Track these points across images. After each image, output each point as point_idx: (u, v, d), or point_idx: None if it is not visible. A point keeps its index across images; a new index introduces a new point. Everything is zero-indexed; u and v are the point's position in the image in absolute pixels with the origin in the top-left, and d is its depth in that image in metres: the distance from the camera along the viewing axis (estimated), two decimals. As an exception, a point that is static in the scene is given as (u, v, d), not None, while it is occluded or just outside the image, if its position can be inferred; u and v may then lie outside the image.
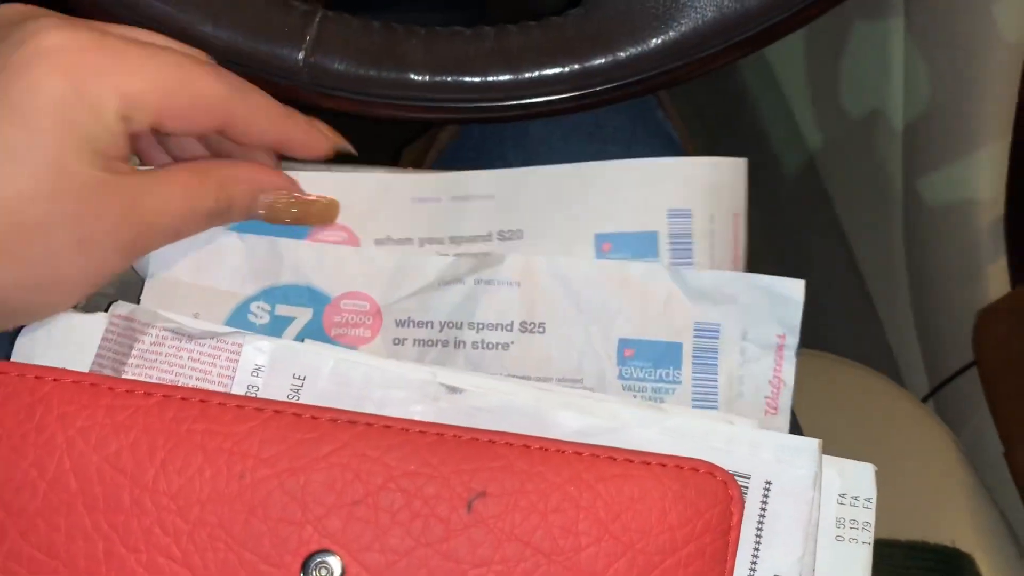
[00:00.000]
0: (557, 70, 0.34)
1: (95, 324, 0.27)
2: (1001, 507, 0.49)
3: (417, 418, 0.26)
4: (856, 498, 0.28)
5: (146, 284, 0.29)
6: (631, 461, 0.25)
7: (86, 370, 0.26)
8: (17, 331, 0.27)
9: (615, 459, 0.25)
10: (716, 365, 0.31)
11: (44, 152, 0.24)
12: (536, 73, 0.34)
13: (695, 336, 0.31)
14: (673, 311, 0.31)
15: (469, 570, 0.24)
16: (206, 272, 0.30)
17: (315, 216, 0.30)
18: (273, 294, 0.30)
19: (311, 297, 0.30)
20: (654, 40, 0.34)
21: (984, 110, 0.57)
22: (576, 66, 0.34)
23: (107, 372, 0.26)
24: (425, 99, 0.34)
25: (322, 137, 0.30)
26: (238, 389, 0.26)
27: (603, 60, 0.34)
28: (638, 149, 0.38)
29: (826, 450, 0.29)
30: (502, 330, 0.31)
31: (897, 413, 0.50)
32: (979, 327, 0.56)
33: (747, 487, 0.27)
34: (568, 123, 0.38)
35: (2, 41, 0.25)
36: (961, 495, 0.48)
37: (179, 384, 0.26)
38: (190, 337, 0.27)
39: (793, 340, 0.32)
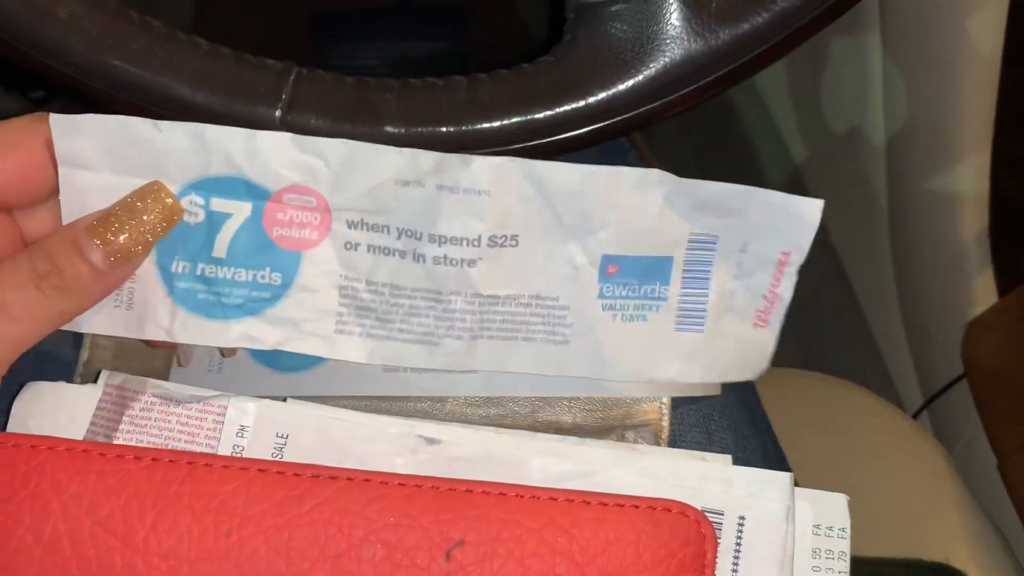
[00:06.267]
0: (530, 117, 0.35)
1: (89, 393, 0.28)
2: (996, 521, 0.50)
3: (398, 470, 0.27)
4: (831, 528, 0.29)
5: (61, 185, 0.26)
6: (605, 504, 0.26)
7: (81, 437, 0.27)
8: (11, 401, 0.28)
9: (589, 503, 0.26)
10: (708, 279, 0.28)
11: None
12: (509, 121, 0.35)
13: (688, 249, 0.28)
14: (667, 223, 0.28)
15: (451, 617, 0.25)
16: (123, 165, 0.26)
17: (158, 217, 0.26)
18: (204, 185, 0.27)
19: (248, 191, 0.27)
20: (623, 84, 0.35)
21: (964, 123, 0.58)
22: (548, 112, 0.35)
23: (100, 438, 0.27)
24: None
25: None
26: (224, 450, 0.27)
27: (575, 106, 0.35)
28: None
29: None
30: (468, 245, 0.27)
31: (887, 431, 0.51)
32: (968, 339, 0.57)
33: (721, 523, 0.28)
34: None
35: None
36: (954, 511, 0.48)
37: (168, 447, 0.27)
38: (177, 402, 0.28)
39: (799, 258, 0.29)
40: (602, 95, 0.35)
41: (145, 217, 0.26)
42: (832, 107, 0.73)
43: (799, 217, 0.28)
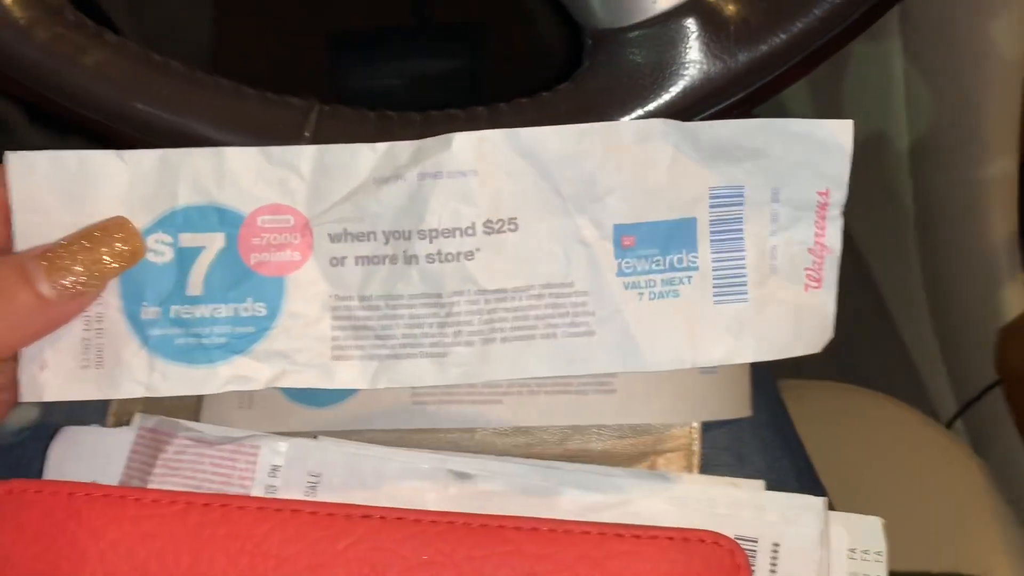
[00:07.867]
0: None
1: (124, 437, 0.28)
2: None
3: (430, 506, 0.27)
4: (866, 552, 0.28)
5: (15, 233, 0.25)
6: (638, 537, 0.26)
7: (117, 481, 0.28)
8: (48, 445, 0.28)
9: (622, 536, 0.26)
10: (741, 239, 0.26)
11: None
12: None
13: (712, 207, 0.26)
14: (681, 178, 0.25)
15: (487, 654, 0.25)
16: (83, 206, 0.25)
17: (117, 252, 0.25)
18: (172, 221, 0.25)
19: (220, 219, 0.25)
20: (642, 110, 0.35)
21: (989, 128, 0.57)
22: None
23: (135, 482, 0.28)
24: None
25: None
26: (257, 490, 0.27)
27: None
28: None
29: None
30: (461, 235, 0.25)
31: (921, 442, 0.50)
32: (1001, 346, 0.56)
33: (755, 551, 0.27)
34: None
35: None
36: (992, 523, 0.47)
37: (202, 489, 0.27)
38: (210, 443, 0.28)
39: (840, 195, 0.26)
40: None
41: (103, 250, 0.25)
42: (854, 113, 0.73)
43: (828, 144, 0.25)
